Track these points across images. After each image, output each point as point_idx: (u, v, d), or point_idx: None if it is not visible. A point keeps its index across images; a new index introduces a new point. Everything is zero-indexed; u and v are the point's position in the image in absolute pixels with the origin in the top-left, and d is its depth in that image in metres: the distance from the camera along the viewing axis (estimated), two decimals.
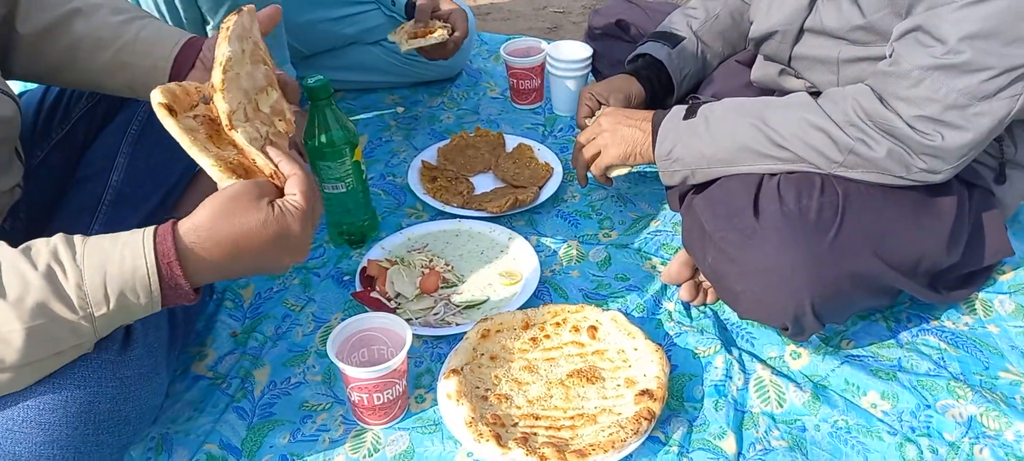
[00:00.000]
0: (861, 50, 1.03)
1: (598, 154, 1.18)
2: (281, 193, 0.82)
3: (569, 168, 1.44)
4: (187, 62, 1.00)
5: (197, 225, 0.77)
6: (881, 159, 0.93)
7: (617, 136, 1.15)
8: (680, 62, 1.33)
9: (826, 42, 1.06)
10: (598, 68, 1.62)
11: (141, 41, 1.01)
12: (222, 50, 0.82)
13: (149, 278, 0.75)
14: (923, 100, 0.89)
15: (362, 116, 1.73)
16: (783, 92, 1.19)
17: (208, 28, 1.47)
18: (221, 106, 0.81)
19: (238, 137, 0.82)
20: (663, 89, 1.34)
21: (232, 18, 0.85)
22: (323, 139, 1.19)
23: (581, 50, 1.62)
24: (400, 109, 1.75)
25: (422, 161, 1.50)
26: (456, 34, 1.50)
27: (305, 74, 1.30)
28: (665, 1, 1.77)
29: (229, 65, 0.82)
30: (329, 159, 1.21)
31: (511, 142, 1.57)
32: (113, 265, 0.74)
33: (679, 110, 1.09)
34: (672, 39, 1.34)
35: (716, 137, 1.03)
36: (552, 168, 1.47)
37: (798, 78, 1.15)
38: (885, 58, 0.96)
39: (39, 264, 0.73)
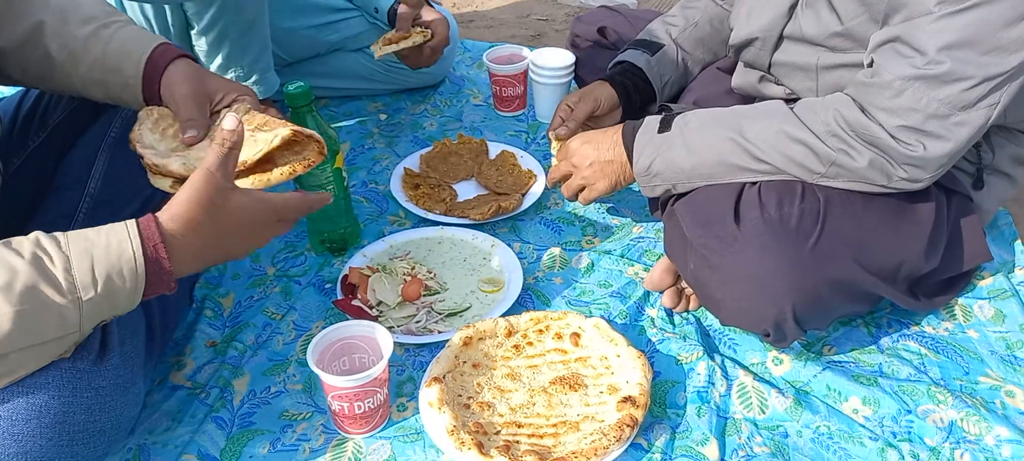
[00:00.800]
0: (840, 57, 1.04)
1: (583, 187, 1.18)
2: None
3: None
4: (157, 71, 0.98)
5: (175, 213, 0.79)
6: (863, 169, 0.94)
7: (598, 171, 1.15)
8: (660, 69, 1.33)
9: (805, 49, 1.07)
10: (580, 75, 1.62)
11: (110, 56, 0.99)
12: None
13: (136, 260, 0.75)
14: (905, 110, 0.89)
15: (344, 123, 1.72)
16: (763, 99, 1.19)
17: (192, 32, 1.46)
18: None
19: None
20: (641, 97, 1.35)
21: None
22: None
23: (563, 57, 1.62)
24: (383, 116, 1.74)
25: (405, 168, 1.50)
26: (434, 39, 1.50)
27: (286, 81, 1.29)
28: (647, 9, 1.78)
29: None
30: None
31: (494, 149, 1.57)
32: (99, 250, 0.75)
33: (652, 123, 1.09)
34: (652, 47, 1.35)
35: (694, 151, 1.03)
36: (535, 175, 1.46)
37: (778, 84, 1.16)
38: (863, 65, 0.97)
39: (24, 252, 0.73)
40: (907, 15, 0.89)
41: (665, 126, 1.07)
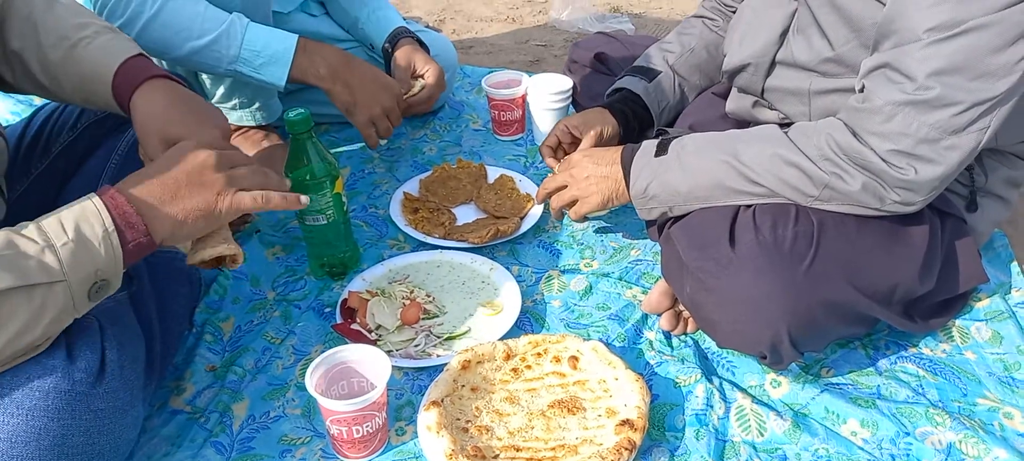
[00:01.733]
0: (831, 82, 1.05)
1: (576, 201, 1.19)
2: None
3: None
4: (125, 96, 0.99)
5: (129, 178, 0.87)
6: (856, 193, 0.95)
7: (593, 185, 1.16)
8: (657, 95, 1.35)
9: (797, 74, 1.09)
10: (578, 100, 1.64)
11: (85, 79, 1.01)
12: None
13: (98, 208, 0.81)
14: (896, 135, 0.91)
15: (345, 148, 1.74)
16: (757, 123, 1.21)
17: None
18: None
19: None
20: (640, 123, 1.36)
21: None
22: (304, 172, 1.19)
23: (561, 82, 1.64)
24: (382, 141, 1.75)
25: (404, 193, 1.51)
26: (427, 89, 1.52)
27: (288, 107, 1.31)
28: (644, 35, 1.81)
29: None
30: (310, 192, 1.20)
31: (493, 173, 1.58)
32: (63, 211, 0.81)
33: (649, 146, 1.10)
34: (649, 73, 1.36)
35: (690, 174, 1.04)
36: (533, 199, 1.47)
37: (771, 109, 1.17)
38: (855, 90, 0.98)
39: None
40: (896, 41, 0.91)
41: (662, 150, 1.08)
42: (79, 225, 0.79)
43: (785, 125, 1.10)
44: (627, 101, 1.36)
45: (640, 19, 2.53)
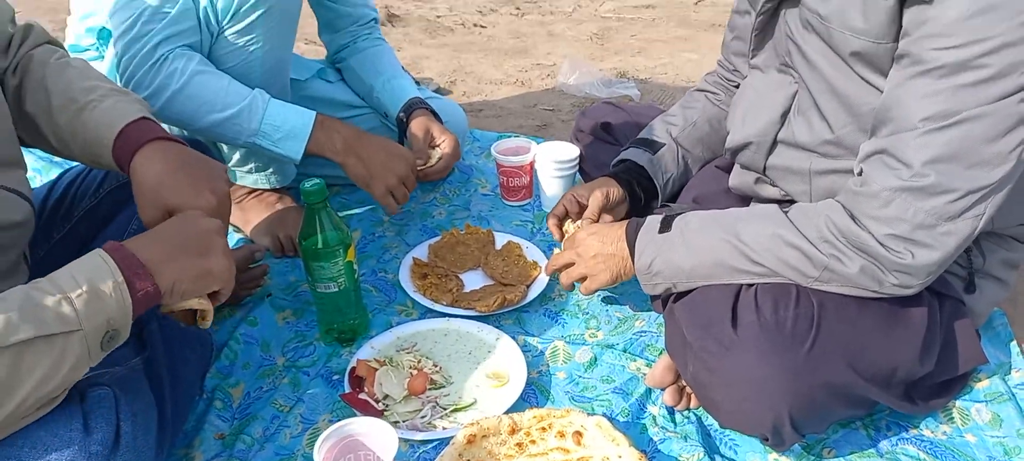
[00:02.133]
0: (832, 163, 1.08)
1: (585, 277, 1.22)
2: None
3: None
4: (125, 161, 1.01)
5: (134, 239, 0.91)
6: (855, 275, 0.97)
7: (601, 263, 1.19)
8: (661, 168, 1.39)
9: (799, 154, 1.12)
10: (584, 169, 1.68)
11: (90, 144, 1.03)
12: None
13: (106, 260, 0.84)
14: (893, 220, 0.93)
15: (356, 211, 1.77)
16: (760, 199, 1.24)
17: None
18: None
19: None
20: (645, 193, 1.40)
21: None
22: (317, 241, 1.23)
23: (568, 150, 1.68)
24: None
25: (413, 258, 1.54)
26: (444, 159, 1.55)
27: (303, 171, 1.35)
28: (649, 105, 1.86)
29: None
30: (322, 260, 1.24)
31: (500, 239, 1.61)
32: (74, 266, 0.84)
33: (653, 222, 1.13)
34: (653, 145, 1.40)
35: (693, 252, 1.07)
36: (540, 266, 1.50)
37: (773, 186, 1.20)
38: (854, 172, 1.01)
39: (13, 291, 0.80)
40: (893, 129, 0.93)
41: (666, 226, 1.11)
42: (91, 277, 0.82)
43: (787, 202, 1.13)
44: (632, 172, 1.40)
45: (645, 85, 2.58)
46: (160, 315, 1.20)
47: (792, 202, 1.12)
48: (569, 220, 1.39)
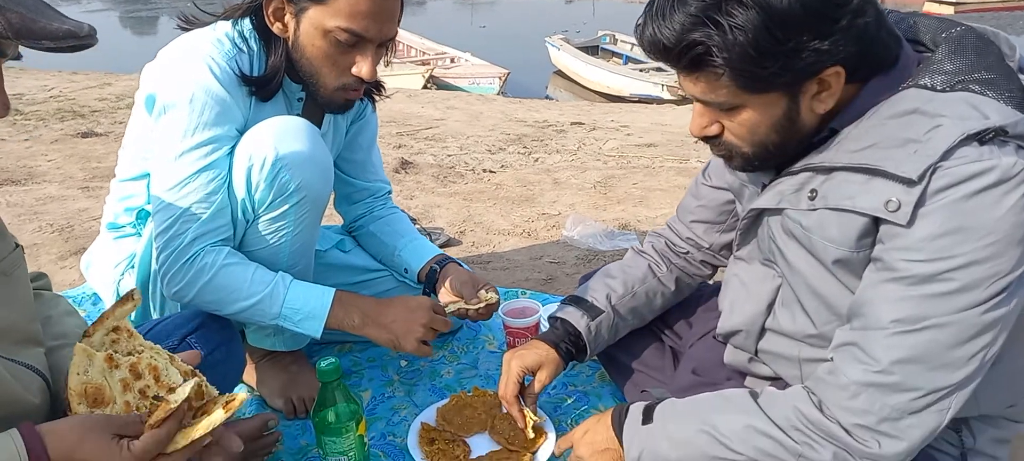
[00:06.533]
0: (820, 352, 1.13)
1: None
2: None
3: (563, 429, 1.52)
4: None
5: (55, 426, 0.90)
6: None
7: (603, 458, 1.23)
8: (597, 337, 1.46)
9: (786, 342, 1.18)
10: None
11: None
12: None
13: (18, 449, 0.84)
14: (860, 411, 0.98)
15: (366, 369, 1.83)
16: (754, 376, 1.30)
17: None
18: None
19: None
20: (581, 353, 1.46)
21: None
22: (329, 415, 1.28)
23: None
24: (403, 363, 1.85)
25: (422, 423, 1.58)
26: (494, 299, 1.61)
27: (322, 344, 1.40)
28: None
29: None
30: (334, 434, 1.29)
31: None
32: None
33: (636, 413, 1.18)
34: (592, 310, 1.47)
35: (675, 444, 1.11)
36: (545, 433, 1.54)
37: (766, 365, 1.26)
38: (826, 357, 1.06)
39: None
40: (865, 324, 0.99)
41: (648, 417, 1.16)
42: None
43: (776, 381, 1.19)
44: (569, 337, 1.46)
45: (646, 236, 2.69)
46: None
47: (776, 379, 1.17)
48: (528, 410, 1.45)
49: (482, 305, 1.59)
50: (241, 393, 0.98)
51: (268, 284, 1.40)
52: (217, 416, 0.96)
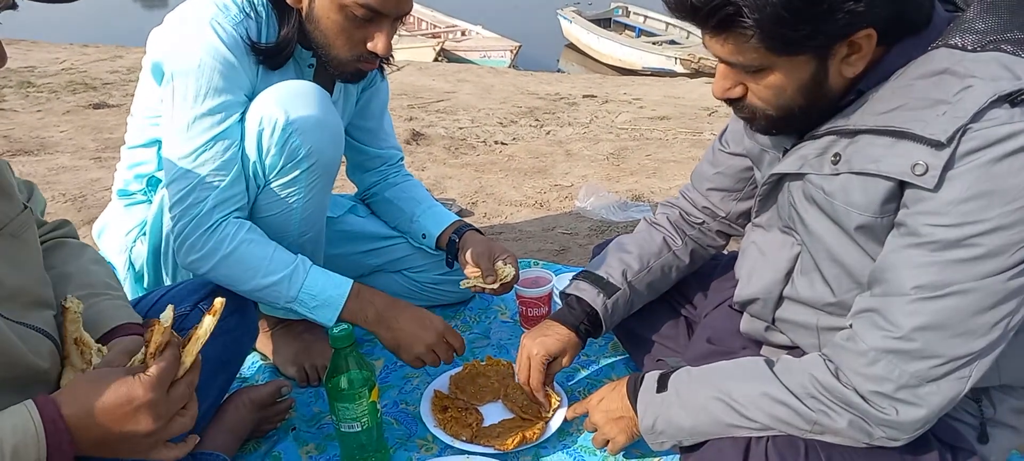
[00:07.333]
0: (838, 320, 1.11)
1: (608, 441, 1.27)
2: None
3: (575, 398, 1.51)
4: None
5: (66, 388, 0.88)
6: (844, 429, 1.00)
7: (616, 427, 1.24)
8: (613, 313, 1.44)
9: (805, 310, 1.16)
10: None
11: (96, 312, 1.08)
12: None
13: (38, 436, 0.82)
14: (879, 378, 0.97)
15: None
16: (771, 345, 1.28)
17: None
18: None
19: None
20: (594, 327, 1.45)
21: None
22: (342, 382, 1.28)
23: None
24: None
25: (434, 391, 1.58)
26: (512, 274, 1.59)
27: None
28: None
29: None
30: (347, 401, 1.29)
31: None
32: (4, 420, 0.82)
33: (651, 381, 1.17)
34: (608, 288, 1.44)
35: (690, 411, 1.10)
36: (559, 399, 1.53)
37: (783, 333, 1.24)
38: (846, 324, 1.04)
39: None
40: (886, 290, 0.98)
41: (662, 385, 1.15)
42: (17, 450, 0.80)
43: (793, 349, 1.17)
44: (586, 316, 1.44)
45: (659, 207, 2.66)
46: (192, 453, 1.25)
47: (793, 349, 1.16)
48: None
49: (497, 284, 1.58)
50: (218, 300, 0.96)
51: (288, 265, 1.38)
52: (207, 322, 0.94)
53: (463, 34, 12.01)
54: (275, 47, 1.38)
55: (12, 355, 0.91)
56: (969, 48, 0.94)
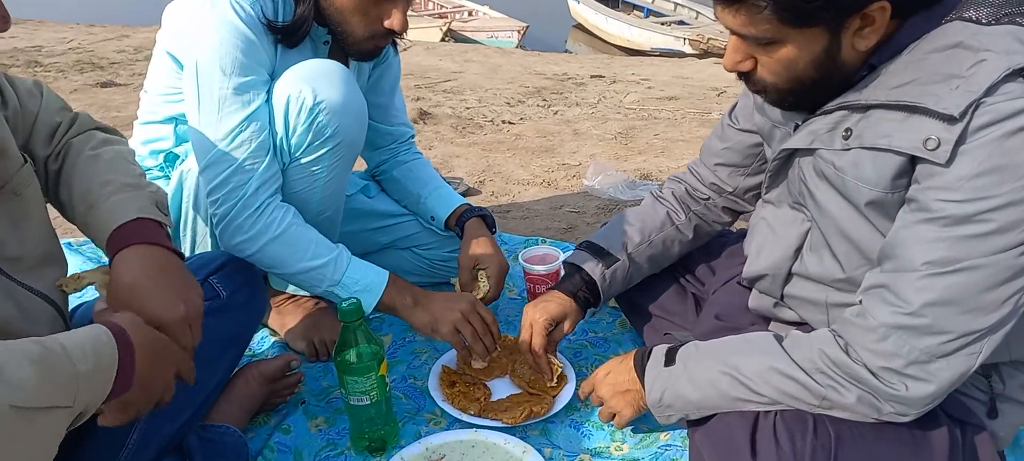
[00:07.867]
0: (847, 297, 1.11)
1: (614, 415, 1.28)
2: None
3: (583, 375, 1.52)
4: (115, 252, 1.01)
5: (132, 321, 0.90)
6: (853, 404, 1.00)
7: (622, 400, 1.24)
8: (612, 284, 1.46)
9: (814, 286, 1.16)
10: None
11: (98, 242, 1.04)
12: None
13: (113, 351, 0.82)
14: (888, 354, 0.96)
15: (389, 315, 1.83)
16: (779, 321, 1.28)
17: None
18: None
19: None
20: (594, 296, 1.46)
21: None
22: (351, 356, 1.29)
23: None
24: None
25: (443, 366, 1.59)
26: (492, 286, 1.61)
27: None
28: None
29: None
30: (356, 374, 1.30)
31: None
32: (81, 336, 0.80)
33: (659, 355, 1.17)
34: (608, 258, 1.46)
35: (698, 385, 1.10)
36: (566, 377, 1.54)
37: (791, 309, 1.24)
38: (855, 300, 1.04)
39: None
40: (896, 266, 0.97)
41: (670, 359, 1.15)
42: (99, 360, 0.79)
43: (802, 326, 1.17)
44: (585, 284, 1.46)
45: (666, 182, 2.66)
46: (199, 426, 1.26)
47: (802, 325, 1.16)
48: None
49: (480, 294, 1.59)
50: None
51: (333, 251, 1.41)
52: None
53: (470, 14, 11.96)
54: (292, 25, 1.38)
55: (7, 332, 0.89)
56: (983, 21, 0.93)
